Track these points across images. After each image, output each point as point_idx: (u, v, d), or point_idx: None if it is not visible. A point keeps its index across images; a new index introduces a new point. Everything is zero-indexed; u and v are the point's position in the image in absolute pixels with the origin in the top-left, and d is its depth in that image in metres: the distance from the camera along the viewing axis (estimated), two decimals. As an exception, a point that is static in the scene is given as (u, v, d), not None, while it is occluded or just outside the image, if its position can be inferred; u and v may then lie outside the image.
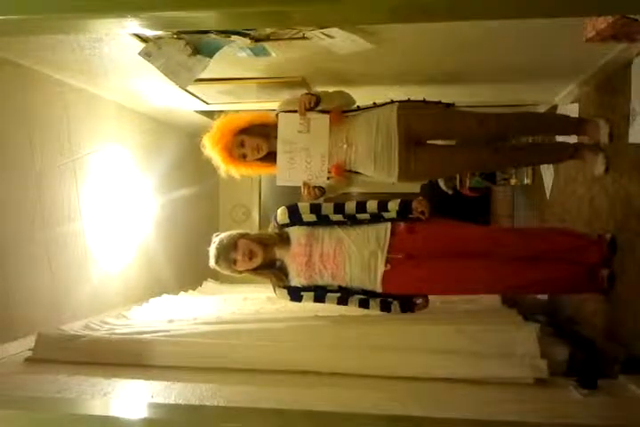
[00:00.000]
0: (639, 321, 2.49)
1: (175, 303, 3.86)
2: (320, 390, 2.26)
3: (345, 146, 2.76)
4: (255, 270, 2.70)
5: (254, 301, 3.79)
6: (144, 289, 3.98)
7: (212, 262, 2.67)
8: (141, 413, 2.01)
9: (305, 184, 2.78)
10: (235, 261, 2.63)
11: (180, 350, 2.61)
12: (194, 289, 4.53)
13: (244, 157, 2.79)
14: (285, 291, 2.75)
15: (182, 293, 4.29)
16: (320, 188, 2.82)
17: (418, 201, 2.69)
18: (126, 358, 2.60)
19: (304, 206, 2.73)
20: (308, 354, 2.53)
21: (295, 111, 2.76)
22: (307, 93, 2.80)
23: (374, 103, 2.83)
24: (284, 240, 2.70)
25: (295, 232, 2.69)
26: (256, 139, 2.78)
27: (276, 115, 2.82)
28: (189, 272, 4.63)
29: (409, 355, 2.48)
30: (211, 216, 5.49)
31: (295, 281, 2.70)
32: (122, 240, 3.75)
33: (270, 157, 2.83)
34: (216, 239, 2.68)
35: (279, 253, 2.71)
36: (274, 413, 1.93)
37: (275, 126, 2.80)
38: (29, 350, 2.68)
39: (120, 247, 3.73)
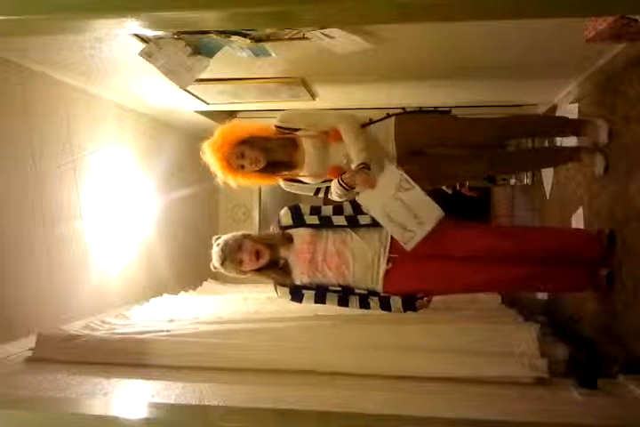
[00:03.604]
0: (639, 321, 2.49)
1: (176, 303, 3.87)
2: (320, 389, 2.26)
3: (345, 161, 2.76)
4: (259, 271, 2.71)
5: (254, 301, 3.80)
6: (144, 289, 3.98)
7: (217, 264, 2.66)
8: (141, 413, 2.01)
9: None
10: (241, 262, 2.63)
11: (180, 349, 2.61)
12: (194, 289, 4.53)
13: (242, 167, 2.79)
14: (287, 289, 2.74)
15: (183, 292, 4.30)
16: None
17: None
18: (126, 357, 2.60)
19: (305, 208, 2.75)
20: (307, 354, 2.53)
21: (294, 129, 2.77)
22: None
23: (370, 119, 2.83)
24: (288, 240, 2.72)
25: (299, 232, 2.71)
26: (256, 151, 2.76)
27: (275, 126, 2.81)
28: (189, 272, 4.63)
29: (408, 354, 2.48)
30: (211, 216, 5.49)
31: (298, 279, 2.72)
32: (122, 240, 3.76)
33: (267, 170, 2.82)
34: (219, 241, 2.68)
35: (283, 252, 2.72)
36: (274, 413, 1.94)
37: (275, 140, 2.79)
38: (29, 349, 2.68)
39: (120, 247, 3.73)
